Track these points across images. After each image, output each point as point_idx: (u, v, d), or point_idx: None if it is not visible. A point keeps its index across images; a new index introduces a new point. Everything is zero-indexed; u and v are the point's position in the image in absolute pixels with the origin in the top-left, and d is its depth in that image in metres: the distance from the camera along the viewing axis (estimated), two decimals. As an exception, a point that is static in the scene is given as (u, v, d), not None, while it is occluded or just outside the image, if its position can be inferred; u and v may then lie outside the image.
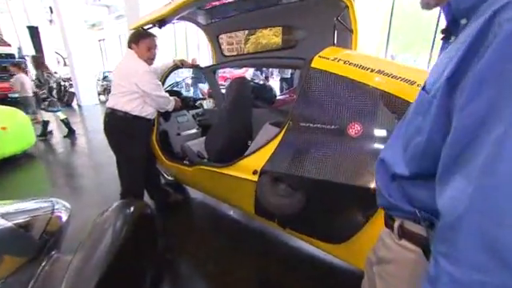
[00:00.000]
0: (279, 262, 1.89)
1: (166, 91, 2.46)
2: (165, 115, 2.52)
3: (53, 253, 1.37)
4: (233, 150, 1.99)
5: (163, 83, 2.27)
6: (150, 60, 1.96)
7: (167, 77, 2.29)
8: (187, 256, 1.96)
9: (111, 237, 1.37)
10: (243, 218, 2.38)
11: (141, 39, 1.91)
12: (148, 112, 1.99)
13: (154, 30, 2.04)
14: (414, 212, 0.58)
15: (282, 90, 7.25)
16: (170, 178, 2.87)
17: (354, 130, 1.21)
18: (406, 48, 12.43)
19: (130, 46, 1.94)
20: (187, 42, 12.71)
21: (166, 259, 1.90)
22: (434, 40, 7.20)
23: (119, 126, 1.97)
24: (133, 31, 1.99)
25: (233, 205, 2.19)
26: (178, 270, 1.85)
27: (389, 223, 0.67)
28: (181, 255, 1.96)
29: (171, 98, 2.12)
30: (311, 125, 1.31)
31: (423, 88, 0.57)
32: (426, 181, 0.53)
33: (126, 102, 1.90)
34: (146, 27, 2.00)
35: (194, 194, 2.80)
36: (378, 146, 1.17)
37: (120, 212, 1.59)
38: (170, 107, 2.11)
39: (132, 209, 1.65)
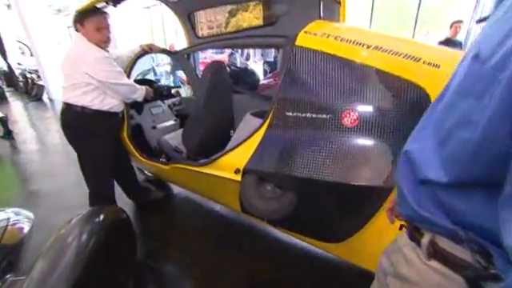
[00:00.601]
0: (272, 260, 1.77)
1: (136, 81, 2.21)
2: (137, 107, 2.28)
3: (7, 276, 1.19)
4: (213, 142, 1.81)
5: (130, 71, 2.02)
6: (102, 43, 1.66)
7: (134, 64, 2.03)
8: (171, 260, 1.80)
9: (76, 250, 1.21)
10: (231, 213, 2.23)
11: (86, 18, 1.59)
12: (112, 104, 1.74)
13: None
14: (453, 230, 0.43)
15: (265, 73, 6.99)
16: (149, 173, 2.68)
17: (350, 118, 1.05)
18: (389, 28, 12.34)
19: (76, 28, 1.64)
20: (164, 27, 12.06)
21: (149, 266, 1.74)
22: (416, 20, 7.09)
23: (77, 122, 1.71)
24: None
25: (218, 202, 2.04)
26: (161, 277, 1.69)
27: (414, 236, 0.52)
28: (165, 260, 1.80)
29: (139, 86, 1.87)
30: (299, 114, 1.14)
31: (475, 57, 0.40)
32: (475, 191, 0.39)
33: (80, 96, 1.64)
34: (98, 6, 1.69)
35: (177, 189, 2.61)
36: (379, 136, 1.01)
37: (87, 221, 1.41)
38: (139, 96, 1.85)
39: (102, 217, 1.47)
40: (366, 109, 1.04)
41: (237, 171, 1.28)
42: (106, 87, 1.66)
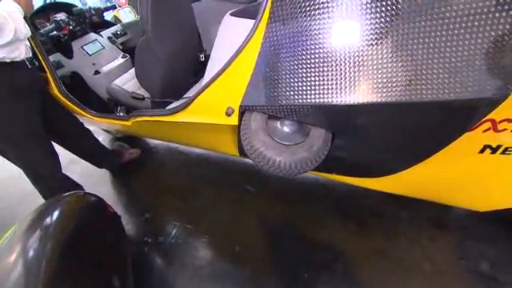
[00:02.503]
0: (283, 198, 1.56)
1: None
2: (62, 49, 1.61)
3: None
4: (180, 74, 1.30)
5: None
6: None
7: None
8: (171, 228, 1.49)
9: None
10: (225, 157, 1.87)
11: None
12: None
13: None
14: None
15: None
16: (114, 131, 2.18)
17: None
18: None
19: None
20: None
21: (147, 243, 1.44)
22: None
23: None
24: None
25: (206, 150, 1.65)
26: (167, 253, 1.39)
27: None
28: (163, 231, 1.49)
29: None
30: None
31: None
32: None
33: None
34: None
35: (154, 140, 2.17)
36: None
37: (36, 227, 1.01)
38: (10, 33, 1.03)
39: (56, 214, 1.08)
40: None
41: (229, 112, 0.83)
42: None
